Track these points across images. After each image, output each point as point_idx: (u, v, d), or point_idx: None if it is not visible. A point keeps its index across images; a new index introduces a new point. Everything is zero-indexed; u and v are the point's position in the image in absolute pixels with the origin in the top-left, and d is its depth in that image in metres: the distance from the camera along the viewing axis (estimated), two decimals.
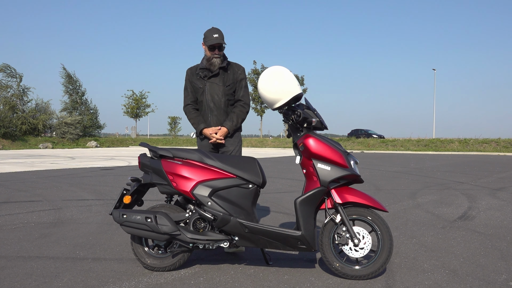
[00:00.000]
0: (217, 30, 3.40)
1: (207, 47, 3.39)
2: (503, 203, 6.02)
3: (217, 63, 3.39)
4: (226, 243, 2.87)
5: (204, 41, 3.42)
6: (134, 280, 2.78)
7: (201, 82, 3.47)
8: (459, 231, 4.23)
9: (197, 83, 3.49)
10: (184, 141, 38.23)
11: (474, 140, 29.87)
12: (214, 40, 3.35)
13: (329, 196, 2.86)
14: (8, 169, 11.18)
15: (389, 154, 24.10)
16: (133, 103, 46.45)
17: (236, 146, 3.50)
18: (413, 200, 6.28)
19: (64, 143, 32.31)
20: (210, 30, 3.41)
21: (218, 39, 3.35)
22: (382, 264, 2.78)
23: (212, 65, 3.40)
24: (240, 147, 3.55)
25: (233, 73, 3.48)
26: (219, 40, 3.35)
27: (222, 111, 3.45)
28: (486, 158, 19.12)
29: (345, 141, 34.58)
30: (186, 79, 3.56)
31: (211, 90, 3.45)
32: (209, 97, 3.45)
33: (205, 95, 3.45)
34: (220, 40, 3.35)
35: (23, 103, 33.18)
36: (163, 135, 70.30)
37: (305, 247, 2.80)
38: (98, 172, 10.58)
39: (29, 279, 2.78)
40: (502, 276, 2.90)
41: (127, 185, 3.09)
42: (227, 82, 3.45)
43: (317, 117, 2.90)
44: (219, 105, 3.44)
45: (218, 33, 3.38)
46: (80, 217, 4.83)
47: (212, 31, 3.39)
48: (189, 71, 3.56)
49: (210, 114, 3.46)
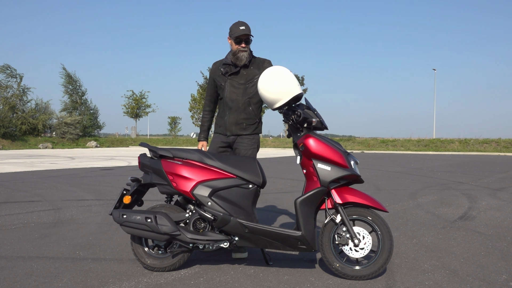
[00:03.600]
0: (243, 23, 3.24)
1: (233, 40, 3.24)
2: (503, 203, 6.01)
3: (244, 57, 3.23)
4: (226, 243, 2.87)
5: (229, 34, 3.27)
6: (134, 280, 2.78)
7: (222, 78, 3.34)
8: (459, 231, 4.22)
9: (218, 79, 3.37)
10: (184, 141, 38.22)
11: (475, 140, 29.87)
12: (240, 32, 3.17)
13: (329, 196, 2.86)
14: (8, 169, 11.17)
15: (389, 154, 24.09)
16: (133, 103, 46.44)
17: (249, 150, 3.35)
18: (413, 200, 6.28)
19: (64, 143, 32.31)
20: (236, 23, 3.25)
21: (245, 31, 3.18)
22: (382, 264, 2.78)
23: (239, 59, 3.24)
24: (254, 150, 3.38)
25: (258, 68, 3.30)
26: (245, 31, 3.18)
27: (240, 110, 3.30)
28: (487, 158, 19.12)
29: (345, 141, 34.58)
30: (209, 74, 3.45)
31: (231, 88, 3.31)
32: (228, 96, 3.32)
33: (225, 92, 3.33)
34: (247, 31, 3.17)
35: (23, 103, 33.16)
36: (163, 135, 70.29)
37: (305, 247, 2.80)
38: (98, 172, 10.58)
39: (29, 279, 2.78)
40: (503, 276, 2.90)
41: (127, 185, 3.09)
42: (250, 79, 3.28)
43: (317, 117, 2.90)
44: (237, 105, 3.30)
45: (244, 26, 3.21)
46: (80, 217, 4.83)
47: (238, 24, 3.24)
48: (213, 66, 3.42)
49: (228, 112, 3.34)
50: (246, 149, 3.34)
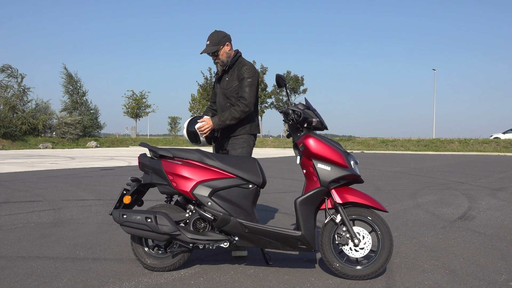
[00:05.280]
0: (210, 35, 3.37)
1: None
2: (503, 203, 6.02)
3: (218, 67, 3.44)
4: (226, 243, 2.87)
5: None
6: (134, 280, 2.78)
7: (216, 84, 3.60)
8: (459, 231, 4.23)
9: (214, 85, 3.64)
10: (184, 141, 38.21)
11: (474, 140, 29.86)
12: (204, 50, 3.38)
13: (329, 196, 2.86)
14: (8, 169, 11.18)
15: (389, 154, 24.10)
16: (133, 103, 46.43)
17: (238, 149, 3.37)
18: (413, 200, 6.28)
19: (64, 143, 32.31)
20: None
21: (205, 50, 3.36)
22: (382, 264, 2.78)
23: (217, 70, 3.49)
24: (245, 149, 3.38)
25: (237, 73, 3.39)
26: (205, 50, 3.35)
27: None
28: (486, 158, 19.12)
29: (345, 141, 34.57)
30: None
31: (219, 93, 3.50)
32: (217, 100, 3.52)
33: (217, 97, 3.54)
34: (206, 51, 3.35)
35: (23, 103, 33.17)
36: (163, 135, 70.31)
37: (305, 247, 2.80)
38: (98, 172, 10.58)
39: (29, 279, 2.78)
40: (502, 276, 2.90)
41: (127, 185, 3.09)
42: (229, 84, 3.38)
43: (317, 117, 2.91)
44: (222, 109, 3.44)
45: (209, 40, 3.37)
46: (80, 217, 4.83)
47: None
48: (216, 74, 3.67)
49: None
50: (234, 149, 3.38)
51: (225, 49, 3.37)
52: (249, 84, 3.29)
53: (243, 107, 3.25)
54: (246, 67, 3.35)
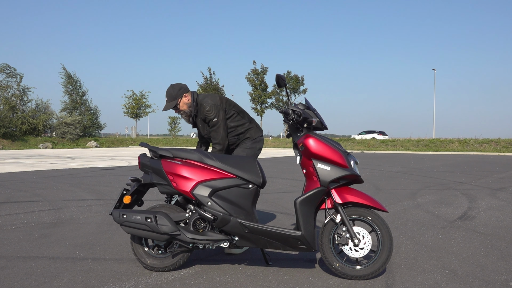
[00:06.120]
0: (167, 91, 3.45)
1: None
2: (503, 203, 6.02)
3: (185, 119, 3.58)
4: (226, 243, 2.87)
5: None
6: (134, 280, 2.78)
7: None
8: (459, 231, 4.23)
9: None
10: (184, 141, 38.22)
11: (474, 140, 29.86)
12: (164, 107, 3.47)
13: (329, 196, 2.86)
14: (8, 169, 11.18)
15: (389, 154, 24.10)
16: (133, 103, 46.44)
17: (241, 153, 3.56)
18: (413, 200, 6.28)
19: (64, 143, 32.31)
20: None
21: (165, 107, 3.45)
22: (382, 264, 2.78)
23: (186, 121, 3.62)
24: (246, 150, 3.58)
25: (203, 118, 3.50)
26: (166, 107, 3.44)
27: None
28: (486, 158, 19.12)
29: (345, 141, 34.57)
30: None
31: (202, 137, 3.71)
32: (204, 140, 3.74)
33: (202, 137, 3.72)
34: (166, 108, 3.44)
35: (23, 103, 33.17)
36: (163, 135, 70.31)
37: (305, 247, 2.80)
38: (98, 172, 10.58)
39: (29, 279, 2.78)
40: (502, 276, 2.90)
41: (127, 185, 3.09)
42: (204, 130, 3.55)
43: (317, 117, 2.91)
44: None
45: (166, 97, 3.44)
46: (80, 217, 4.83)
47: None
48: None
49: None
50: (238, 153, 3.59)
51: (183, 100, 3.46)
52: (214, 124, 3.44)
53: (219, 148, 3.48)
54: (207, 109, 3.43)
